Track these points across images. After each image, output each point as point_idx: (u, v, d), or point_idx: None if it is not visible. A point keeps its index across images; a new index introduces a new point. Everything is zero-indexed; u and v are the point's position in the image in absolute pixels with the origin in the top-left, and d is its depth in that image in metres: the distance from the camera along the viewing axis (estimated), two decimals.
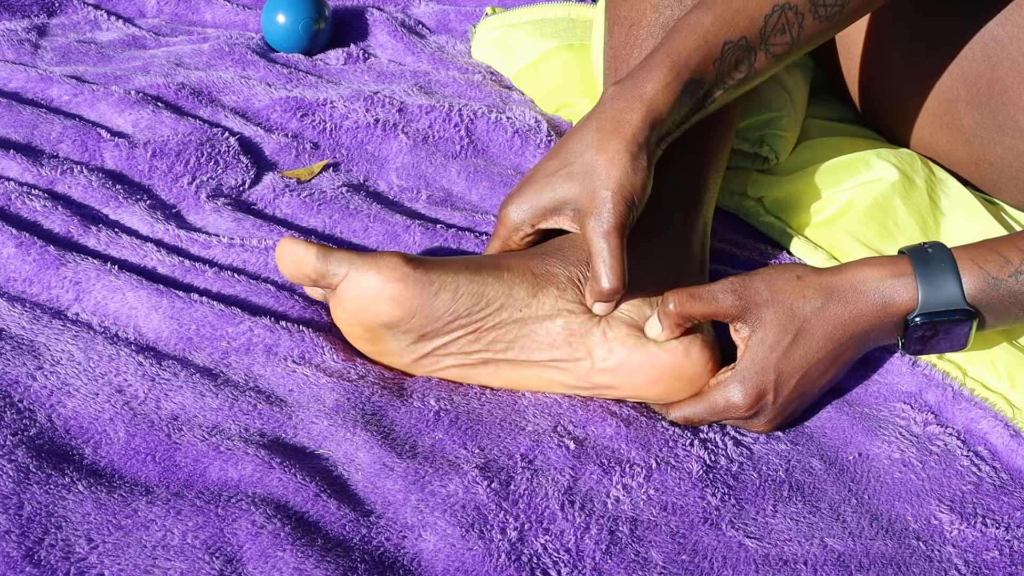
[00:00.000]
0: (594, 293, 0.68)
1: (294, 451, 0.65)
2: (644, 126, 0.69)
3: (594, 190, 0.68)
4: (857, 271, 0.70)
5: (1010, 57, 0.84)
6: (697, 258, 0.77)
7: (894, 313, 0.69)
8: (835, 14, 0.73)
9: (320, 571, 0.56)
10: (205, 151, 0.94)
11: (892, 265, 0.70)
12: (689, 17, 0.71)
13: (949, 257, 0.69)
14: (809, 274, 0.70)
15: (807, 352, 0.69)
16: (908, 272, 0.69)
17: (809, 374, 0.70)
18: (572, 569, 0.60)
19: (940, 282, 0.68)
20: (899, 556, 0.64)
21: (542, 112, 1.11)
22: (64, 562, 0.55)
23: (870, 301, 0.69)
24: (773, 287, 0.69)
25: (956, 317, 0.69)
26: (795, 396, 0.70)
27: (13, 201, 0.82)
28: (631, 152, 0.68)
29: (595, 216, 0.67)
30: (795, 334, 0.68)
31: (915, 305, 0.69)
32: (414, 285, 0.67)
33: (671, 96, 0.69)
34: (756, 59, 0.72)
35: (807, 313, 0.68)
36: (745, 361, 0.69)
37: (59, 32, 1.23)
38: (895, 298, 0.69)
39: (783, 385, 0.69)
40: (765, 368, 0.68)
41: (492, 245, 0.74)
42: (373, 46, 1.28)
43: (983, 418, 0.74)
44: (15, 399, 0.65)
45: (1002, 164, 0.89)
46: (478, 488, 0.64)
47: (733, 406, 0.69)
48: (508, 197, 0.72)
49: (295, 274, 0.68)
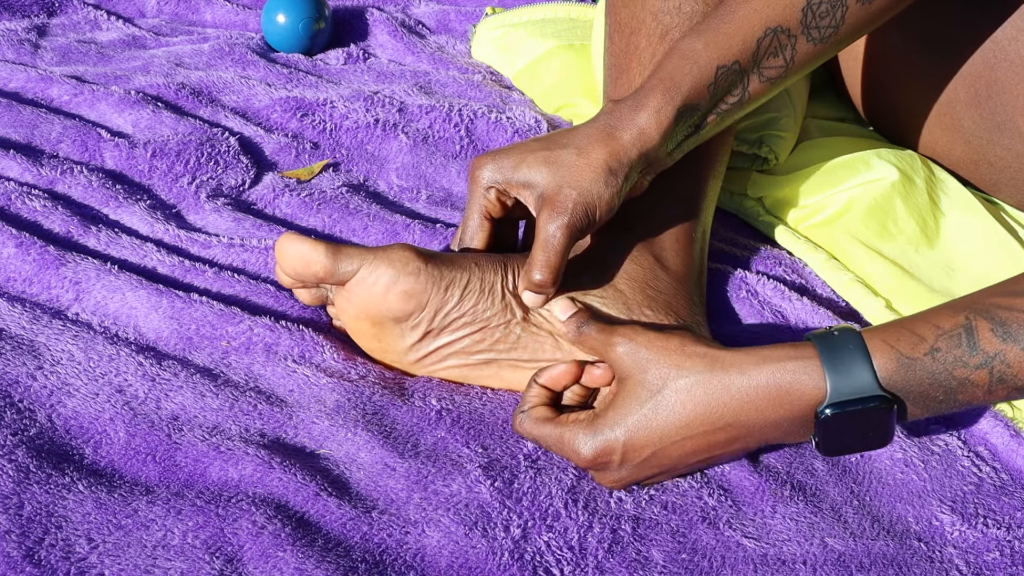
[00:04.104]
0: (525, 281, 0.68)
1: (294, 451, 0.65)
2: (632, 148, 0.68)
3: (561, 186, 0.68)
4: (751, 352, 0.62)
5: (1008, 58, 0.84)
6: (696, 266, 0.77)
7: (798, 403, 0.61)
8: (829, 36, 0.72)
9: (321, 571, 0.56)
10: (205, 151, 0.94)
11: (793, 349, 0.62)
12: (682, 42, 0.71)
13: (857, 338, 0.61)
14: (697, 345, 0.63)
15: (668, 427, 0.62)
16: (812, 356, 0.61)
17: (668, 451, 0.63)
18: (575, 567, 0.60)
19: (849, 366, 0.60)
20: (900, 557, 0.64)
21: (542, 112, 1.11)
22: (64, 562, 0.55)
23: (763, 386, 0.61)
24: (655, 349, 0.63)
25: (872, 405, 0.60)
26: (650, 467, 0.64)
27: (13, 201, 0.82)
28: (609, 166, 0.68)
29: (552, 209, 0.67)
30: (657, 404, 0.62)
31: (823, 395, 0.60)
32: (426, 279, 0.67)
33: (664, 122, 0.69)
34: (750, 83, 0.71)
35: (678, 385, 0.62)
36: (604, 415, 0.64)
37: (59, 32, 1.23)
38: (797, 386, 0.61)
39: (632, 452, 0.63)
40: (616, 427, 0.63)
41: (471, 205, 0.73)
42: (373, 46, 1.28)
43: (983, 418, 0.74)
44: (15, 399, 0.65)
45: (1001, 165, 0.89)
46: (481, 487, 0.63)
47: (576, 452, 0.64)
48: (487, 155, 0.71)
49: (302, 272, 0.67)
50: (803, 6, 0.71)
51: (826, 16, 0.71)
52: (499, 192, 0.71)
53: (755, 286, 0.84)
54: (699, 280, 0.77)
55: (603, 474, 0.65)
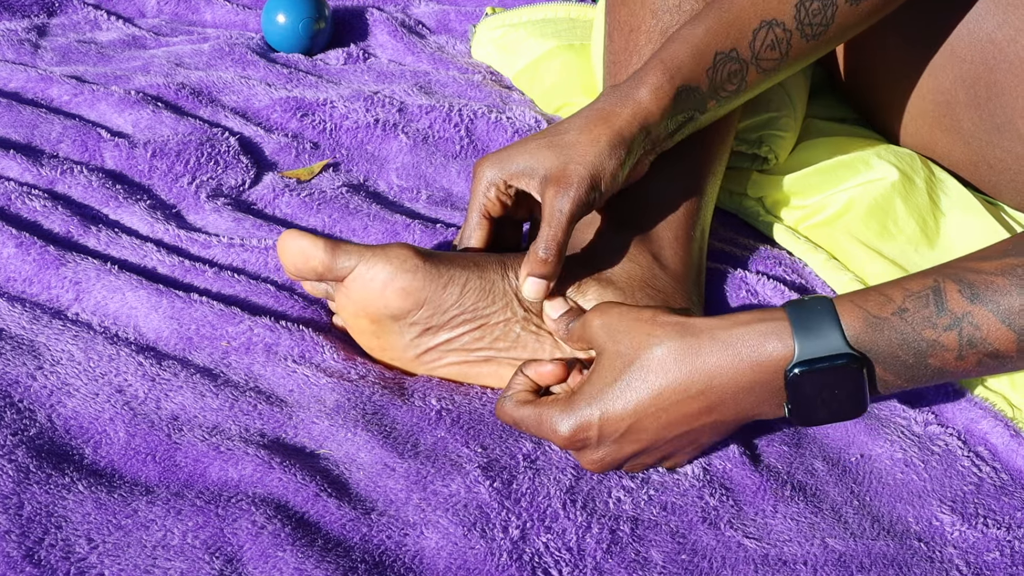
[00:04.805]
0: (528, 262, 0.68)
1: (294, 451, 0.65)
2: (633, 122, 0.69)
3: (566, 163, 0.68)
4: (722, 318, 0.62)
5: (1008, 60, 0.84)
6: (695, 265, 0.77)
7: (767, 365, 0.61)
8: (820, 34, 0.75)
9: (320, 571, 0.56)
10: (205, 151, 0.94)
11: (764, 312, 0.62)
12: (683, 29, 0.73)
13: (827, 301, 0.61)
14: (669, 315, 0.63)
15: (641, 396, 0.62)
16: (781, 318, 0.61)
17: (644, 423, 0.62)
18: (573, 568, 0.60)
19: (817, 325, 0.60)
20: (900, 557, 0.64)
21: (542, 112, 1.11)
22: (64, 562, 0.55)
23: (732, 351, 0.61)
24: (628, 320, 0.63)
25: (840, 363, 0.60)
26: (628, 443, 0.63)
27: (13, 201, 0.82)
28: (612, 141, 0.69)
29: (558, 185, 0.68)
30: (631, 374, 0.62)
31: (791, 354, 0.60)
32: (424, 276, 0.67)
33: (664, 99, 0.70)
34: (748, 72, 0.73)
35: (650, 355, 0.61)
36: (580, 392, 0.64)
37: (59, 32, 1.23)
38: (766, 347, 0.60)
39: (609, 426, 0.62)
40: (592, 403, 0.62)
41: (472, 204, 0.73)
42: (373, 46, 1.28)
43: (983, 418, 0.74)
44: (15, 399, 0.65)
45: (1001, 167, 0.89)
46: (480, 487, 0.64)
47: (554, 431, 0.63)
48: (488, 155, 0.72)
49: (302, 268, 0.68)
50: (796, 2, 0.73)
51: (818, 14, 0.74)
52: (499, 191, 0.71)
53: (755, 286, 0.84)
54: (698, 279, 0.77)
55: (585, 454, 0.65)
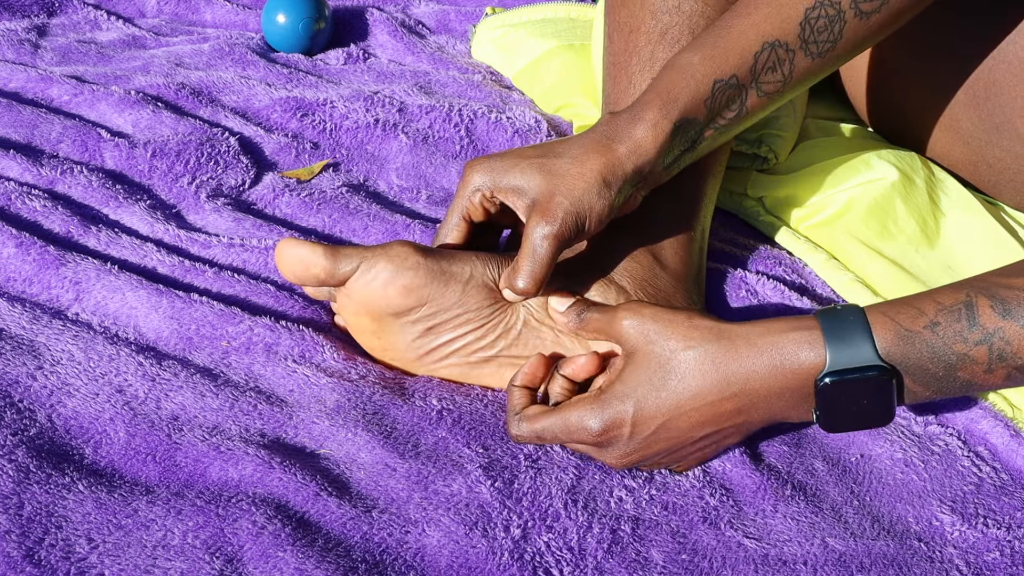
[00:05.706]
0: (508, 283, 0.68)
1: (294, 451, 0.65)
2: (627, 161, 0.68)
3: (553, 193, 0.67)
4: (756, 324, 0.63)
5: (1007, 60, 0.84)
6: (695, 265, 0.77)
7: (799, 373, 0.62)
8: (827, 51, 0.72)
9: (321, 571, 0.56)
10: (205, 151, 0.94)
11: (797, 321, 0.63)
12: (679, 56, 0.71)
13: (859, 312, 0.62)
14: (704, 318, 0.64)
15: (678, 396, 0.63)
16: (814, 327, 0.62)
17: (676, 422, 0.63)
18: (574, 567, 0.60)
19: (849, 337, 0.61)
20: (900, 557, 0.64)
21: (542, 112, 1.11)
22: (64, 562, 0.55)
23: (767, 357, 0.62)
24: (662, 321, 0.64)
25: (870, 375, 0.61)
26: (658, 441, 0.64)
27: (13, 201, 0.82)
28: (604, 177, 0.67)
29: (542, 216, 0.67)
30: (667, 373, 0.63)
31: (823, 364, 0.61)
32: (425, 274, 0.67)
33: (661, 136, 0.68)
34: (748, 98, 0.71)
35: (687, 356, 0.63)
36: (611, 389, 0.64)
37: (59, 32, 1.23)
38: (799, 356, 0.61)
39: (642, 423, 0.63)
40: (626, 399, 0.63)
41: (454, 204, 0.72)
42: (373, 46, 1.28)
43: (983, 418, 0.74)
44: (15, 399, 0.65)
45: (1000, 167, 0.89)
46: (482, 487, 0.64)
47: (585, 428, 0.64)
48: (481, 158, 0.71)
49: (302, 276, 0.68)
50: (800, 20, 0.70)
51: (824, 31, 0.71)
52: (484, 197, 0.70)
53: (755, 286, 0.84)
54: (698, 279, 0.77)
55: (609, 450, 0.65)
